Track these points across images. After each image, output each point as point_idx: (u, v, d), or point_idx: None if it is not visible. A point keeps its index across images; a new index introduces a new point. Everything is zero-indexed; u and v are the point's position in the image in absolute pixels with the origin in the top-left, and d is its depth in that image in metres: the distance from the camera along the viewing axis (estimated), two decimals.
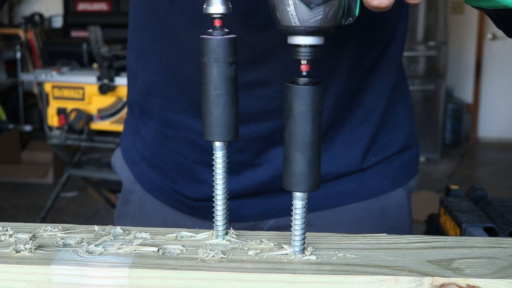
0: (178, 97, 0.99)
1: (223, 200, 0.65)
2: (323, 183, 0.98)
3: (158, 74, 1.00)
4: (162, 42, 0.97)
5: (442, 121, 5.80)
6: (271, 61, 0.92)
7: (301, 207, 0.61)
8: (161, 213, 1.10)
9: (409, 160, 1.09)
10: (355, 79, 0.99)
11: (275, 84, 0.93)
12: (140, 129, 1.08)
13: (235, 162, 0.98)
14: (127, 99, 1.13)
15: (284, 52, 0.88)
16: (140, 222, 1.11)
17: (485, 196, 1.18)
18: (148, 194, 1.11)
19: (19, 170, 4.85)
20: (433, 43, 5.62)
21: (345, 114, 1.01)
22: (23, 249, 0.59)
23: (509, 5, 0.66)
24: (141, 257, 0.59)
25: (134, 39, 1.05)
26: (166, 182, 1.07)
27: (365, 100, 1.01)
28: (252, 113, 0.95)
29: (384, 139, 1.06)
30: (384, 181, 1.06)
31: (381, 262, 0.59)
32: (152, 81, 1.02)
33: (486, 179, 5.17)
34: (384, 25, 0.99)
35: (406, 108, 1.10)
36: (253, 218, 1.04)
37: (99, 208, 4.29)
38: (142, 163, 1.10)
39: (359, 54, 0.97)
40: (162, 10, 0.94)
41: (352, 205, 1.05)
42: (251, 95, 0.94)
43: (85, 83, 3.47)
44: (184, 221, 1.08)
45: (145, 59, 1.02)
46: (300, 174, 0.59)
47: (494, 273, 0.57)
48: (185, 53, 0.95)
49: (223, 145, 0.65)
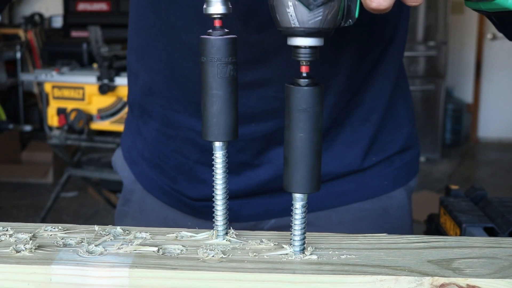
0: (179, 97, 0.99)
1: (223, 200, 0.65)
2: (323, 183, 0.98)
3: (158, 74, 1.00)
4: (163, 42, 0.97)
5: (442, 121, 5.80)
6: (271, 61, 0.92)
7: (301, 207, 0.61)
8: (161, 213, 1.10)
9: (409, 160, 1.09)
10: (356, 79, 0.99)
11: (276, 84, 0.93)
12: (141, 129, 1.08)
13: (235, 162, 0.98)
14: (128, 99, 1.13)
15: (285, 52, 0.88)
16: (140, 222, 1.11)
17: (485, 196, 1.18)
18: (148, 194, 1.11)
19: (19, 170, 4.85)
20: (433, 43, 5.62)
21: (345, 114, 1.01)
22: (23, 249, 0.59)
23: (509, 7, 0.66)
24: (141, 257, 0.59)
25: (135, 38, 1.05)
26: (167, 182, 1.07)
27: (365, 100, 1.01)
28: (253, 113, 0.95)
29: (385, 139, 1.06)
30: (384, 181, 1.06)
31: (381, 262, 0.59)
32: (153, 81, 1.02)
33: (486, 179, 5.17)
34: (385, 26, 0.99)
35: (406, 107, 1.10)
36: (254, 218, 1.04)
37: (99, 208, 4.29)
38: (143, 163, 1.10)
39: (359, 55, 0.97)
40: (162, 10, 0.94)
41: (353, 205, 1.05)
42: (252, 95, 0.94)
43: (85, 83, 3.47)
44: (185, 221, 1.08)
45: (146, 58, 1.02)
46: (300, 176, 0.59)
47: (494, 273, 0.57)
48: (186, 52, 0.95)
49: (222, 145, 0.65)
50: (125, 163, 1.15)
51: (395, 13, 1.00)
